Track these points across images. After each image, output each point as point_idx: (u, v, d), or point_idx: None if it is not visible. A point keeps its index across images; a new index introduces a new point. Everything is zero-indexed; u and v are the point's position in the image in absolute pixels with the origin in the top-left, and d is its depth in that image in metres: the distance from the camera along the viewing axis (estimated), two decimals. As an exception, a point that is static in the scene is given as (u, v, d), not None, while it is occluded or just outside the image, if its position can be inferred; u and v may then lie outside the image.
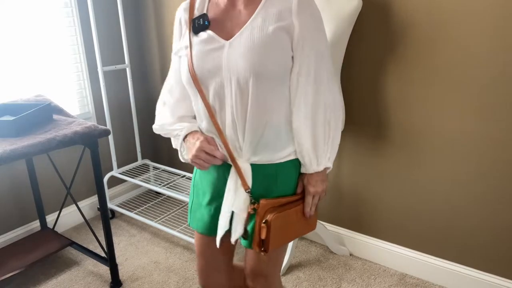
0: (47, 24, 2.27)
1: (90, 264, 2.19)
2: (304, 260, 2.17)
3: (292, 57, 1.04)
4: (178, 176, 2.85)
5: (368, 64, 1.88)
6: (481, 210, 1.77)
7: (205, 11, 1.10)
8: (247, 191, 1.10)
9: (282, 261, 1.28)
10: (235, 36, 1.03)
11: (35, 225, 2.37)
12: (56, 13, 2.30)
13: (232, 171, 1.12)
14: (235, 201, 1.11)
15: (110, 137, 2.59)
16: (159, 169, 2.92)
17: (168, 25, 2.57)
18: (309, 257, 2.20)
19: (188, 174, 2.71)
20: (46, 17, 2.26)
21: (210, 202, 1.20)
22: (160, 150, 2.99)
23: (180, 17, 1.14)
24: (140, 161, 2.82)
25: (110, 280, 2.03)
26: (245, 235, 1.13)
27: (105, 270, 2.13)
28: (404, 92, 1.82)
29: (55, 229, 2.44)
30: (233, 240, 1.14)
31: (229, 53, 1.03)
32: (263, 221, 1.08)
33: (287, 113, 1.09)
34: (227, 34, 1.06)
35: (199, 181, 1.23)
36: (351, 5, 1.70)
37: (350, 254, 2.21)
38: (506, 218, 1.72)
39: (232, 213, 1.14)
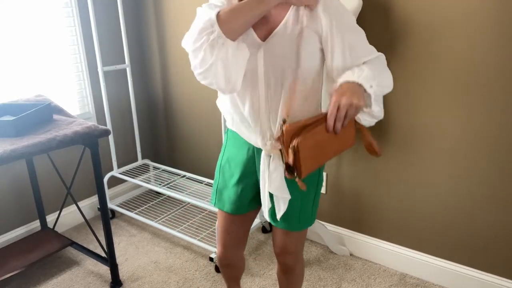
0: (47, 24, 2.27)
1: (90, 264, 2.19)
2: (304, 260, 2.17)
3: (321, 49, 1.13)
4: (178, 176, 2.85)
5: (368, 64, 1.88)
6: (481, 210, 1.77)
7: None
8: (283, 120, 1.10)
9: (305, 238, 1.39)
10: (270, 36, 1.10)
11: (35, 225, 2.37)
12: (56, 13, 2.30)
13: (263, 155, 1.20)
14: (272, 184, 1.18)
15: (110, 137, 2.59)
16: (159, 169, 2.92)
17: (169, 25, 2.57)
18: (309, 257, 2.20)
19: (188, 174, 2.71)
20: (46, 17, 2.26)
21: (237, 183, 1.29)
22: (160, 150, 2.99)
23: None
24: (140, 161, 2.82)
25: (110, 280, 2.03)
26: (287, 166, 1.07)
27: (105, 270, 2.13)
28: (404, 92, 1.82)
29: (55, 229, 2.44)
30: (278, 217, 1.23)
31: (265, 52, 1.10)
32: (290, 145, 1.03)
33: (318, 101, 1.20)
34: (264, 33, 1.11)
35: (227, 164, 1.32)
36: (351, 5, 1.70)
37: (350, 254, 2.21)
38: (506, 218, 1.72)
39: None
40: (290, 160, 1.02)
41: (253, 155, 1.26)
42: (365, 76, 1.05)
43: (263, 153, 1.20)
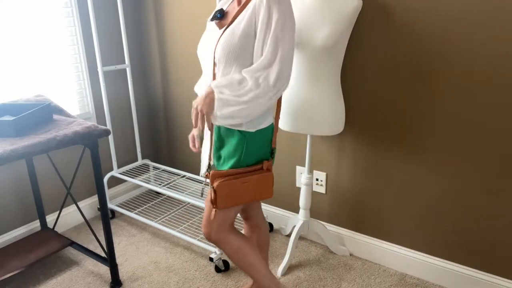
0: (47, 24, 2.27)
1: (90, 264, 2.19)
2: (304, 260, 2.17)
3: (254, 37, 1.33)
4: (178, 176, 2.85)
5: (368, 65, 1.88)
6: (481, 210, 1.77)
7: (225, 7, 1.44)
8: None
9: (227, 219, 1.51)
10: (223, 28, 1.35)
11: (35, 225, 2.37)
12: (56, 13, 2.30)
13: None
14: (205, 148, 1.51)
15: (110, 137, 2.59)
16: (159, 169, 2.92)
17: (169, 25, 2.57)
18: (309, 257, 2.20)
19: (188, 174, 2.71)
20: (46, 17, 2.26)
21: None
22: (160, 150, 2.99)
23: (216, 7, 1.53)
24: (140, 161, 2.82)
25: (110, 280, 2.03)
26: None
27: (105, 270, 2.13)
28: (404, 92, 1.82)
29: (55, 229, 2.44)
30: (200, 173, 1.57)
31: (216, 38, 1.36)
32: (212, 186, 1.40)
33: None
34: (221, 25, 1.37)
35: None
36: (351, 5, 1.71)
37: (350, 254, 2.22)
38: (507, 218, 1.72)
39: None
40: (211, 196, 1.40)
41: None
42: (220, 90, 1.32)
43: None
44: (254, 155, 1.42)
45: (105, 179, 2.57)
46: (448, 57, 1.67)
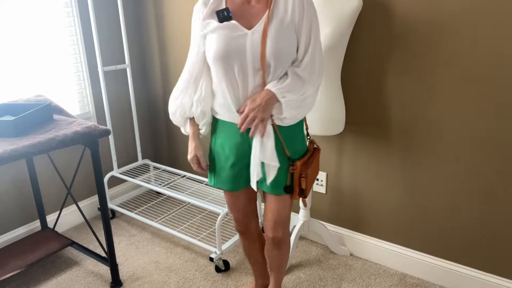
0: (47, 24, 2.27)
1: (90, 264, 2.19)
2: (304, 260, 2.17)
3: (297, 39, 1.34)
4: (179, 176, 2.85)
5: (368, 64, 1.88)
6: (481, 210, 1.77)
7: (223, 6, 1.34)
8: (288, 156, 1.41)
9: (291, 209, 1.54)
10: (256, 26, 1.29)
11: (36, 225, 2.37)
12: (56, 13, 2.30)
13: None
14: (264, 154, 1.35)
15: (111, 137, 2.59)
16: (159, 169, 2.92)
17: (168, 25, 2.58)
18: (310, 257, 2.20)
19: (188, 174, 2.71)
20: (46, 17, 2.26)
21: (234, 164, 1.45)
22: (161, 150, 2.99)
23: (199, 9, 1.37)
24: (140, 161, 2.82)
25: (110, 280, 2.03)
26: (288, 189, 1.43)
27: (105, 270, 2.13)
28: (404, 92, 1.82)
29: (56, 229, 2.44)
30: (268, 182, 1.40)
31: (253, 40, 1.28)
32: (302, 175, 1.41)
33: None
34: (248, 24, 1.31)
35: (221, 149, 1.47)
36: (351, 5, 1.71)
37: (350, 254, 2.22)
38: (507, 218, 1.72)
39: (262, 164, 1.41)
40: (304, 185, 1.42)
41: (246, 137, 1.40)
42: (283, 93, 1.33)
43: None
44: (305, 138, 1.50)
45: (105, 179, 2.57)
46: (449, 57, 1.67)
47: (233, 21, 1.30)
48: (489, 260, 1.81)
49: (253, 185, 1.41)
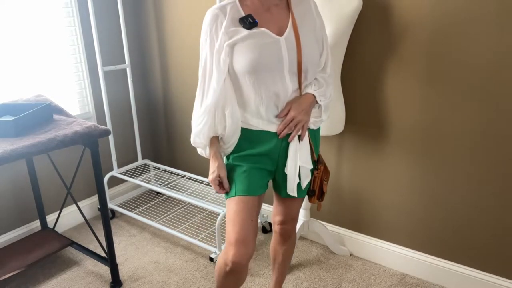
0: (47, 24, 2.27)
1: (90, 264, 2.19)
2: (304, 260, 2.17)
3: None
4: (179, 176, 2.85)
5: (368, 64, 1.88)
6: (481, 210, 1.77)
7: (243, 14, 1.29)
8: (314, 159, 1.45)
9: None
10: (286, 32, 1.29)
11: (36, 225, 2.37)
12: (56, 13, 2.30)
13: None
14: (301, 157, 1.38)
15: (110, 137, 2.59)
16: (159, 169, 2.92)
17: (169, 25, 2.57)
18: (310, 257, 2.20)
19: (188, 174, 2.71)
20: (46, 17, 2.26)
21: (251, 169, 1.37)
22: (161, 150, 2.99)
23: (217, 16, 1.29)
24: (140, 161, 2.82)
25: (110, 280, 2.03)
26: (311, 192, 1.46)
27: (105, 270, 2.13)
28: (404, 92, 1.82)
29: (56, 229, 2.44)
30: (303, 186, 1.43)
31: (287, 46, 1.28)
32: (324, 179, 1.48)
33: None
34: (277, 30, 1.29)
35: (240, 159, 1.38)
36: (351, 5, 1.71)
37: (350, 254, 2.22)
38: (506, 218, 1.72)
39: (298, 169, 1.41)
40: (326, 189, 1.50)
41: (278, 143, 1.37)
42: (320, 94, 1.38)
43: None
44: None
45: (105, 179, 2.57)
46: (450, 57, 1.67)
47: (263, 28, 1.26)
48: (489, 260, 1.81)
49: (293, 191, 1.41)
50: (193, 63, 2.54)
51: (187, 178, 2.82)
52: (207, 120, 1.32)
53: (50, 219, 2.42)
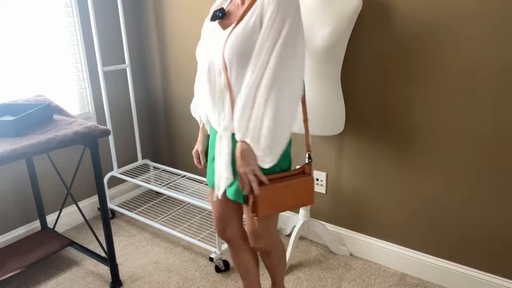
0: (47, 24, 2.27)
1: (90, 264, 2.19)
2: (304, 260, 2.17)
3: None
4: (179, 176, 2.85)
5: (368, 65, 1.88)
6: (481, 210, 1.77)
7: (225, 6, 1.34)
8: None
9: (274, 224, 1.45)
10: (231, 27, 1.24)
11: (36, 225, 2.37)
12: (56, 13, 2.30)
13: (218, 136, 1.33)
14: (219, 163, 1.33)
15: (110, 137, 2.59)
16: (159, 169, 2.92)
17: (168, 25, 2.57)
18: (309, 257, 2.20)
19: (188, 174, 2.71)
20: (46, 17, 2.26)
21: (211, 161, 1.43)
22: (161, 150, 2.99)
23: (212, 8, 1.39)
24: (140, 161, 2.82)
25: (110, 280, 2.03)
26: (246, 198, 1.30)
27: (105, 270, 2.13)
28: (404, 92, 1.82)
29: (55, 229, 2.44)
30: (219, 194, 1.36)
31: (220, 40, 1.25)
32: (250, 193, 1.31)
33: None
34: (225, 25, 1.28)
35: (210, 143, 1.45)
36: (351, 5, 1.70)
37: (350, 254, 2.22)
38: (507, 218, 1.72)
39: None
40: (250, 202, 1.28)
41: (213, 138, 1.41)
42: (253, 135, 1.22)
43: (217, 135, 1.34)
44: (288, 157, 1.36)
45: (105, 179, 2.57)
46: (450, 57, 1.67)
47: (215, 22, 1.30)
48: (489, 260, 1.81)
49: (216, 191, 1.37)
50: (193, 62, 2.54)
51: (187, 178, 2.82)
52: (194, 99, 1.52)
53: (50, 219, 2.42)
